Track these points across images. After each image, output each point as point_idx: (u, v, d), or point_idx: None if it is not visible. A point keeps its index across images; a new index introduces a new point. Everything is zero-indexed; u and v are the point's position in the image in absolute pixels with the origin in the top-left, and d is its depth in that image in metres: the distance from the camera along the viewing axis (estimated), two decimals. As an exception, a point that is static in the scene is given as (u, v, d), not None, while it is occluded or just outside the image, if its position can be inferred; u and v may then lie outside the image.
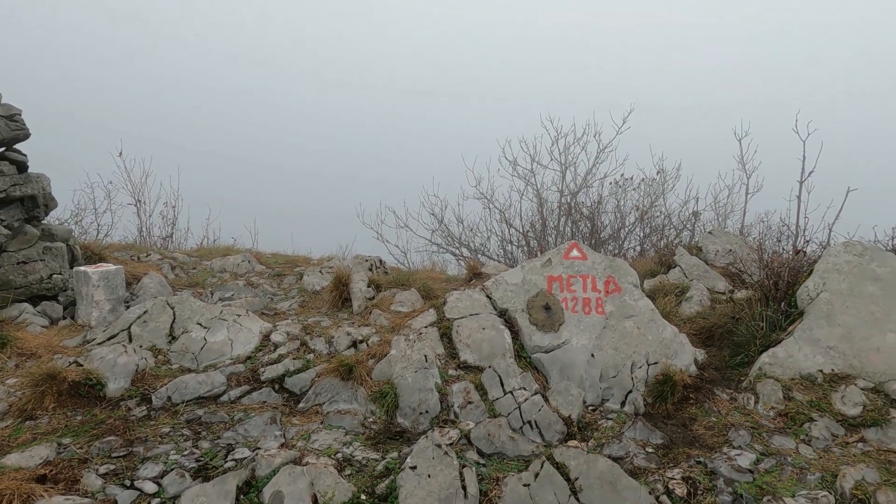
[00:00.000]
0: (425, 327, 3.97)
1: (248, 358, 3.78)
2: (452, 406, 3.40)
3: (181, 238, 9.13)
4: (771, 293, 4.23)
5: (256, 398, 3.45)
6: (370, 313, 4.39)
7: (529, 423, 3.25)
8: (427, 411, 3.35)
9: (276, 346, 3.90)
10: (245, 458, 2.84)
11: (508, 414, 3.29)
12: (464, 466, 2.81)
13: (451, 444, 2.98)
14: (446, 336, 3.92)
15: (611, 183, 10.45)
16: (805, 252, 4.70)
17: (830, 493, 2.71)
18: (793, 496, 2.70)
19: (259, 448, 2.95)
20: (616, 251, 9.74)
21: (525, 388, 3.46)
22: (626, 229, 10.05)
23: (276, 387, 3.55)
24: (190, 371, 3.63)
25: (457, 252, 10.01)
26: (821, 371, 3.66)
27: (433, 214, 10.09)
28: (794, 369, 3.67)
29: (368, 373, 3.59)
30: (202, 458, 2.85)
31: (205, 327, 3.94)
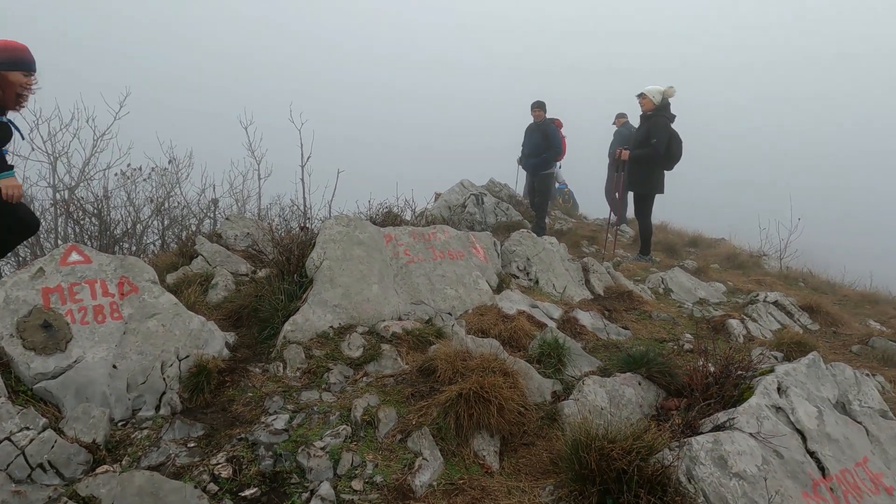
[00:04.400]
0: None
1: None
2: (-86, 485, 2.52)
3: None
4: (285, 268, 4.68)
5: None
6: None
7: (41, 465, 2.71)
8: None
9: None
10: None
11: (8, 465, 2.66)
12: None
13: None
14: None
15: (117, 174, 9.48)
16: (309, 228, 5.37)
17: (348, 425, 3.26)
18: (320, 438, 3.12)
19: None
20: (134, 248, 8.95)
21: (29, 428, 2.85)
22: (143, 223, 9.34)
23: None
24: None
25: None
26: (332, 327, 4.31)
27: None
28: (311, 331, 4.20)
29: None
30: None
31: None
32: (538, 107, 9.55)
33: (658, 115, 7.93)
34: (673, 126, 8.00)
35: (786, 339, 5.14)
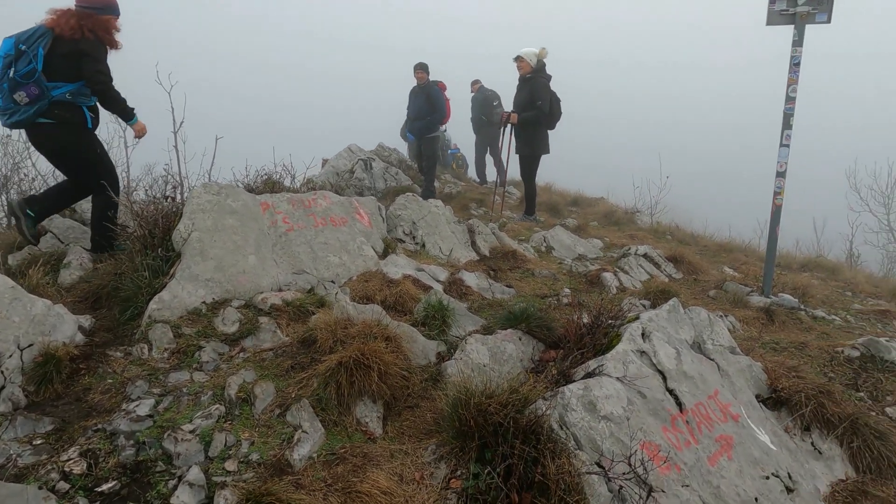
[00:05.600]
0: None
1: None
2: None
3: None
4: (148, 242, 4.30)
5: None
6: None
7: None
8: None
9: None
10: None
11: None
12: None
13: None
14: None
15: (-53, 143, 8.24)
16: (174, 198, 4.96)
17: (221, 404, 3.08)
18: (190, 421, 2.93)
19: None
20: (-26, 228, 7.87)
21: None
22: (-16, 199, 8.21)
23: None
24: None
25: None
26: (204, 302, 4.03)
27: None
28: (181, 308, 3.91)
29: None
30: None
31: None
32: (421, 68, 9.40)
33: (538, 77, 8.11)
34: (550, 86, 8.23)
35: (652, 288, 5.55)
